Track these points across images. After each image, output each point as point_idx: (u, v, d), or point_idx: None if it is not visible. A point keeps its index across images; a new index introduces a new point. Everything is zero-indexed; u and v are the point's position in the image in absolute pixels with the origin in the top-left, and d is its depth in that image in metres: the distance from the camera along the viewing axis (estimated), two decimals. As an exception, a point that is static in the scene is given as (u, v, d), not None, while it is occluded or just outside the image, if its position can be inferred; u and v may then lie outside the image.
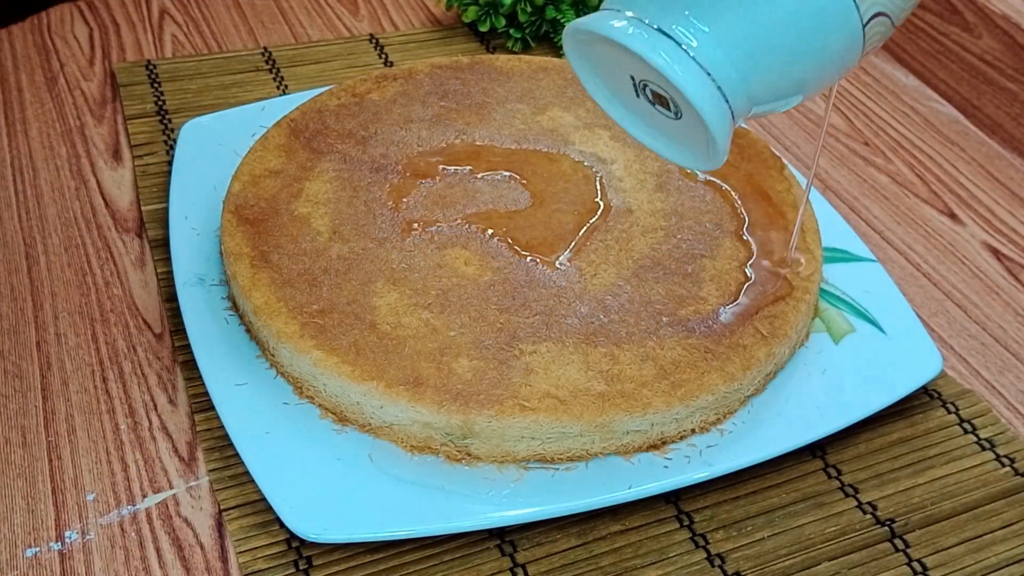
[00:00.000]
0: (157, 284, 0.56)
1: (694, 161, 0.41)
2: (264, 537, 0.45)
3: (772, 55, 0.37)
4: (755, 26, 0.37)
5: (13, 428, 0.49)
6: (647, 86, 0.39)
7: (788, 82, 0.39)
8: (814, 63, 0.38)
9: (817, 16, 0.37)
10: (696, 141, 0.40)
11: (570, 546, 0.45)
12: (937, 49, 0.78)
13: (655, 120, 0.41)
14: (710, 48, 0.36)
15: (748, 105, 0.38)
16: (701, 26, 0.36)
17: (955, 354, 0.57)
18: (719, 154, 0.38)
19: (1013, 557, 0.46)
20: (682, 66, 0.36)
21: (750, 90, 0.37)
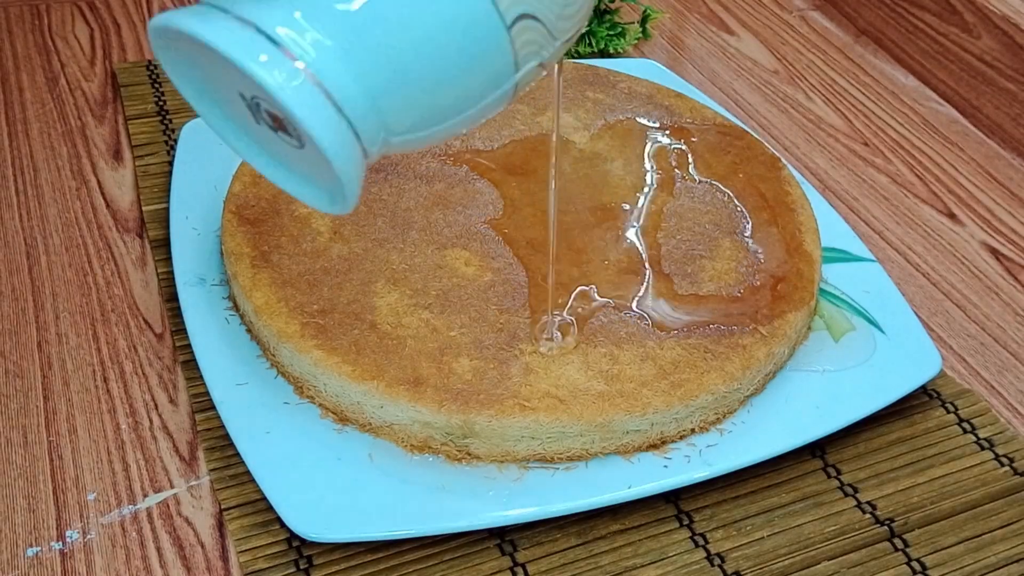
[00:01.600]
0: (158, 284, 0.57)
1: (326, 201, 0.33)
2: (264, 536, 0.45)
3: (407, 70, 0.31)
4: (385, 34, 0.30)
5: (14, 428, 0.49)
6: (260, 105, 0.31)
7: (430, 104, 0.32)
8: (458, 79, 0.32)
9: (453, 20, 0.31)
10: (325, 176, 0.32)
11: (570, 546, 0.45)
12: (937, 49, 0.78)
13: (279, 149, 0.33)
14: (329, 62, 0.29)
15: (382, 136, 0.32)
16: (317, 33, 0.29)
17: (954, 354, 0.57)
18: (347, 196, 0.32)
19: (1012, 557, 0.46)
20: (291, 82, 0.29)
21: (384, 117, 0.31)
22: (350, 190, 0.31)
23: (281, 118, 0.31)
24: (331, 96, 0.29)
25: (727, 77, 0.79)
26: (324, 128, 0.29)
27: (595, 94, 0.65)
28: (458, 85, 0.32)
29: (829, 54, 0.83)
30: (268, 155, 0.34)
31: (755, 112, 0.75)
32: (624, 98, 0.65)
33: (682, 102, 0.65)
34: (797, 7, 0.89)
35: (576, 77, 0.66)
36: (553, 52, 0.34)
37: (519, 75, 0.33)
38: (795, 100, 0.77)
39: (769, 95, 0.77)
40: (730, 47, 0.83)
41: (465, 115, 0.33)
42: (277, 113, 0.31)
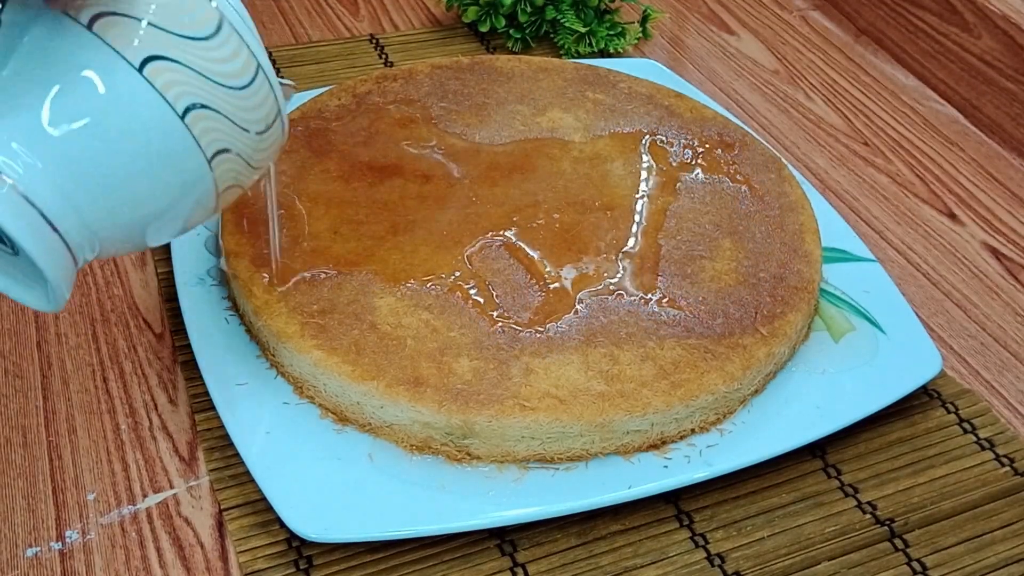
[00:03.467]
0: (158, 284, 0.57)
1: (41, 301, 0.37)
2: (264, 537, 0.45)
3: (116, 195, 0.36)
4: (94, 164, 0.35)
5: (14, 428, 0.49)
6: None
7: (136, 221, 0.37)
8: (162, 200, 0.37)
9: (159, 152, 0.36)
10: (40, 280, 0.37)
11: (570, 546, 0.45)
12: (937, 49, 0.78)
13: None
14: (39, 181, 0.34)
15: (94, 244, 0.36)
16: (29, 158, 0.34)
17: (955, 354, 0.57)
18: (57, 297, 0.36)
19: (1013, 557, 0.46)
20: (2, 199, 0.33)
21: (93, 229, 0.36)
22: (59, 292, 0.36)
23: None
24: (39, 209, 0.34)
25: (727, 77, 0.79)
26: (34, 240, 0.34)
27: (595, 94, 0.65)
28: (165, 207, 0.38)
29: (829, 54, 0.83)
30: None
31: (755, 112, 0.75)
32: (624, 98, 0.65)
33: (682, 102, 0.65)
34: (797, 7, 0.89)
35: (576, 77, 0.66)
36: (252, 176, 0.41)
37: (223, 195, 0.39)
38: (795, 100, 0.77)
39: (769, 95, 0.77)
40: (730, 47, 0.83)
41: (172, 231, 0.40)
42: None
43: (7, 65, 0.35)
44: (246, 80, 0.38)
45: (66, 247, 0.35)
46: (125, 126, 0.35)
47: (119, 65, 0.35)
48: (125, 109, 0.35)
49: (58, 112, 0.35)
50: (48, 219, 0.34)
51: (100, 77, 0.35)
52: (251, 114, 0.38)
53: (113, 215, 0.36)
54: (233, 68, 0.37)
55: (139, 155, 0.36)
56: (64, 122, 0.35)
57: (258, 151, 0.40)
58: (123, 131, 0.35)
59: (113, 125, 0.35)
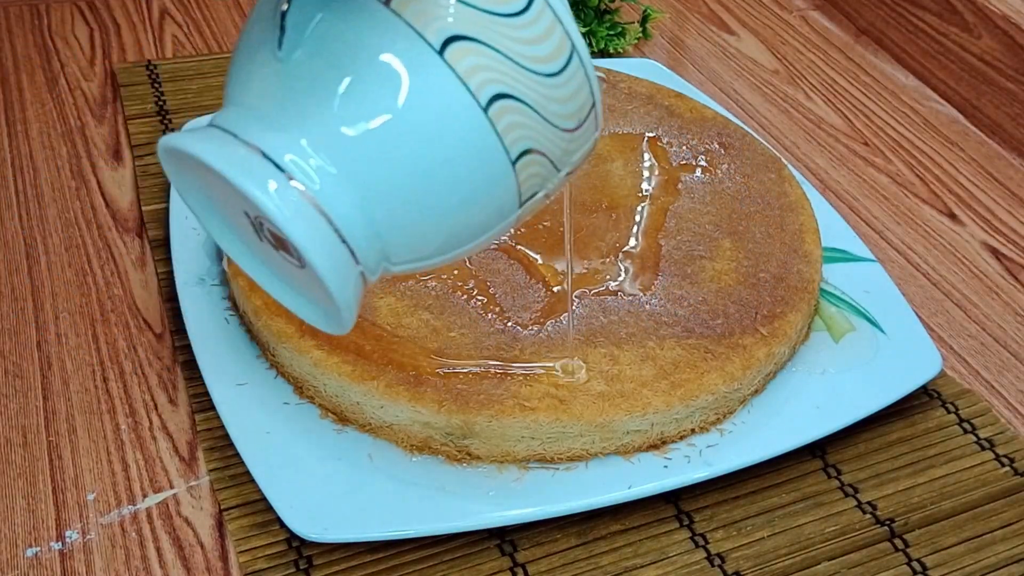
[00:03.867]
0: (157, 284, 0.57)
1: (323, 321, 0.34)
2: (264, 537, 0.45)
3: (411, 202, 0.31)
4: (390, 165, 0.30)
5: (13, 428, 0.49)
6: (263, 224, 0.32)
7: (433, 235, 0.32)
8: (461, 211, 0.32)
9: (459, 155, 0.31)
10: (323, 298, 0.33)
11: (570, 546, 0.45)
12: (937, 49, 0.78)
13: (280, 267, 0.34)
14: (333, 189, 0.30)
15: (383, 262, 0.32)
16: (322, 160, 0.30)
17: (955, 354, 0.57)
18: (343, 317, 0.32)
19: (1013, 557, 0.46)
20: (292, 208, 0.29)
21: (386, 245, 0.32)
22: (347, 314, 0.32)
23: (283, 239, 0.31)
24: (333, 223, 0.30)
25: (727, 77, 0.79)
26: (323, 254, 0.30)
27: (595, 94, 0.65)
28: (461, 217, 0.32)
29: (829, 54, 0.83)
30: (269, 271, 0.34)
31: (755, 112, 0.75)
32: (624, 98, 0.65)
33: (682, 102, 0.65)
34: (797, 7, 0.89)
35: (576, 77, 0.66)
36: (557, 184, 0.34)
37: (523, 208, 0.34)
38: (795, 100, 0.77)
39: (769, 95, 0.77)
40: (730, 47, 0.83)
41: (467, 246, 0.34)
42: (280, 234, 0.31)
43: (298, 48, 0.31)
44: (559, 66, 0.32)
45: (355, 263, 0.31)
46: (423, 120, 0.30)
47: (418, 47, 0.30)
48: (423, 100, 0.30)
49: (353, 106, 0.30)
50: (339, 231, 0.30)
51: (397, 62, 0.30)
52: (562, 107, 0.32)
53: (407, 227, 0.32)
54: (544, 51, 0.32)
55: (438, 156, 0.31)
56: (359, 118, 0.30)
57: (567, 153, 0.33)
58: (421, 127, 0.30)
59: (410, 119, 0.30)
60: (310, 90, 0.30)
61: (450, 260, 0.34)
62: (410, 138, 0.30)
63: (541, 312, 0.50)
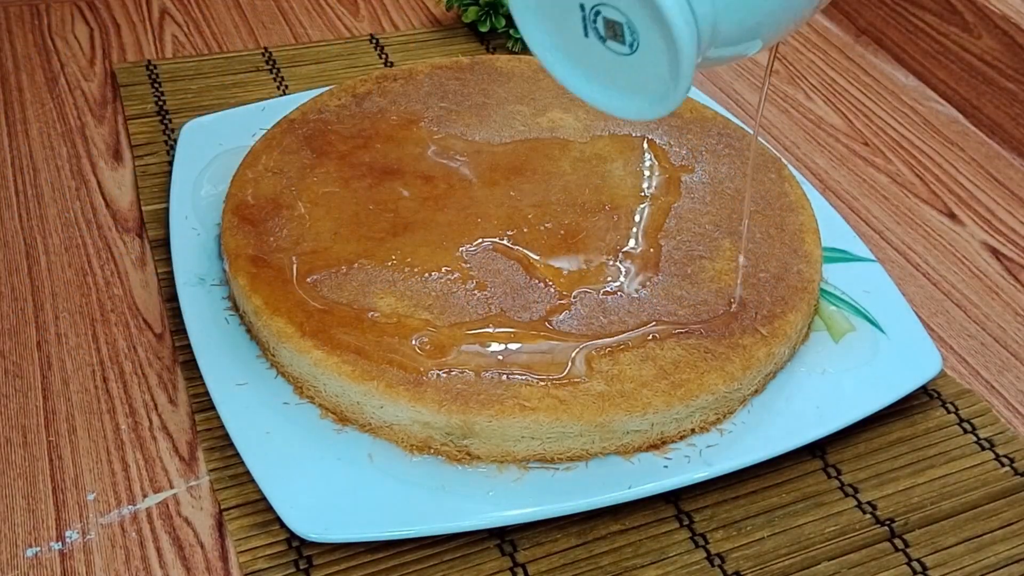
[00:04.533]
0: (157, 284, 0.57)
1: (649, 106, 0.37)
2: (264, 537, 0.45)
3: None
4: None
5: (13, 428, 0.49)
6: (599, 14, 0.36)
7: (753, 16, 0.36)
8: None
9: None
10: (651, 80, 0.36)
11: (570, 546, 0.45)
12: (937, 49, 0.78)
13: (605, 64, 0.37)
14: None
15: (712, 38, 0.35)
16: None
17: (955, 354, 0.57)
18: (681, 85, 0.35)
19: (1013, 557, 0.46)
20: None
21: (717, 19, 0.35)
22: (684, 82, 0.35)
23: (620, 23, 0.35)
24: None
25: (727, 77, 0.79)
26: (681, 19, 0.33)
27: (595, 94, 0.65)
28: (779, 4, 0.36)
29: (829, 54, 0.83)
30: (588, 73, 0.38)
31: (755, 112, 0.75)
32: (624, 98, 0.65)
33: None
34: (797, 7, 0.89)
35: (576, 77, 0.66)
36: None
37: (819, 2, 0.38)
38: (795, 100, 0.77)
39: (769, 95, 0.77)
40: (730, 47, 0.83)
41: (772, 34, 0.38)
42: (620, 18, 0.35)
43: None
44: None
45: (698, 37, 0.34)
46: None
47: None
48: None
49: None
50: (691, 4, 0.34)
51: None
52: None
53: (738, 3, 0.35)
54: None
55: None
56: None
57: None
58: None
59: None
60: None
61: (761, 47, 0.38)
62: None
63: (541, 312, 0.50)
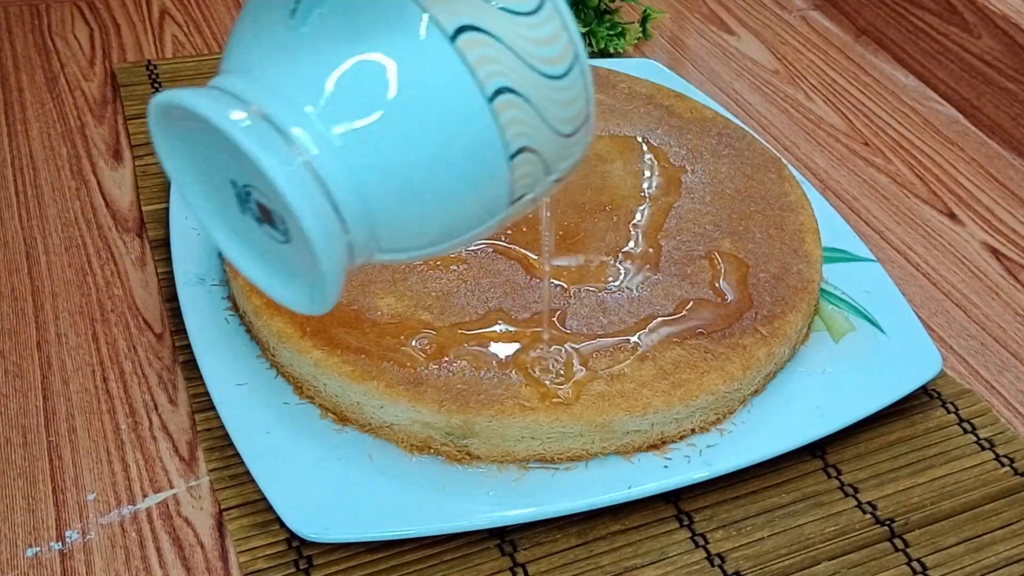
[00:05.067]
0: (158, 284, 0.57)
1: (302, 300, 0.33)
2: (264, 537, 0.45)
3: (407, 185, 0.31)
4: (392, 147, 0.31)
5: (13, 428, 0.49)
6: (251, 194, 0.32)
7: (422, 223, 0.33)
8: (454, 202, 0.32)
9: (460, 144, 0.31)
10: (305, 275, 0.32)
11: (570, 546, 0.45)
12: (937, 49, 0.78)
13: (260, 243, 0.34)
14: (334, 161, 0.30)
15: (370, 244, 0.32)
16: (326, 132, 0.30)
17: (955, 354, 0.57)
18: (327, 295, 0.32)
19: (1013, 557, 0.46)
20: (293, 175, 0.29)
21: (376, 227, 0.32)
22: (331, 289, 0.31)
23: (271, 211, 0.31)
24: (329, 191, 0.30)
25: (727, 77, 0.79)
26: (316, 220, 0.30)
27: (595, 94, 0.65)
28: (454, 207, 0.33)
29: (829, 54, 0.83)
30: (246, 247, 0.34)
31: (755, 112, 0.75)
32: (624, 98, 0.65)
33: (682, 102, 0.65)
34: (797, 7, 0.89)
35: (576, 77, 0.66)
36: (545, 189, 0.35)
37: (511, 208, 0.34)
38: (795, 100, 0.77)
39: (769, 95, 0.77)
40: (730, 47, 0.83)
41: (453, 240, 0.34)
42: (269, 205, 0.31)
43: (310, 19, 0.31)
44: (563, 69, 0.33)
45: (346, 238, 0.31)
46: (428, 104, 0.31)
47: (431, 32, 0.31)
48: (431, 84, 0.31)
49: (361, 82, 0.31)
50: (336, 204, 0.30)
51: (409, 44, 0.31)
52: (562, 111, 0.33)
53: (399, 208, 0.32)
54: (552, 53, 0.32)
55: (438, 141, 0.31)
56: (366, 94, 0.30)
57: (560, 158, 0.34)
58: (425, 110, 0.31)
59: (416, 101, 0.31)
60: (320, 61, 0.31)
61: (434, 254, 0.35)
62: (415, 119, 0.31)
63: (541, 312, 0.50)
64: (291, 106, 0.30)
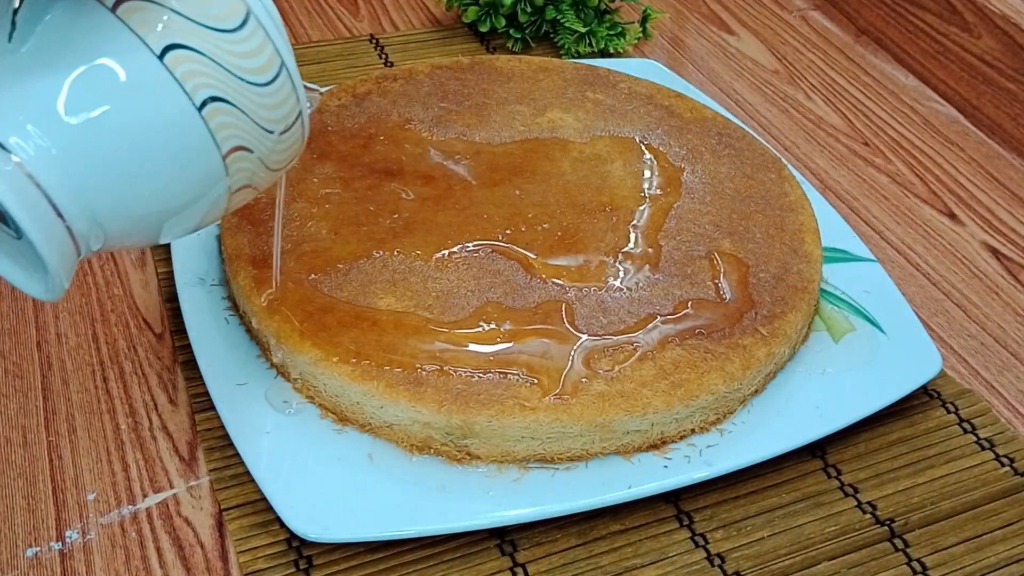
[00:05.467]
0: (158, 284, 0.57)
1: (39, 289, 0.37)
2: (264, 537, 0.45)
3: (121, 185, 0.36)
4: (109, 153, 0.35)
5: (13, 428, 0.49)
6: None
7: (144, 215, 0.37)
8: (171, 196, 0.37)
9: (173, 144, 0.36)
10: (40, 266, 0.36)
11: (570, 546, 0.45)
12: (937, 49, 0.78)
13: (3, 242, 0.37)
14: (49, 165, 0.34)
15: (99, 235, 0.36)
16: (44, 144, 0.34)
17: (955, 354, 0.57)
18: (55, 286, 0.35)
19: (1013, 557, 0.46)
20: (8, 180, 0.33)
21: (99, 220, 0.35)
22: (57, 281, 0.35)
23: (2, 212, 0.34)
24: (47, 195, 0.34)
25: (727, 77, 0.79)
26: (37, 223, 0.33)
27: (595, 94, 0.65)
28: (174, 200, 0.37)
29: (829, 54, 0.83)
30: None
31: (755, 112, 0.75)
32: (624, 98, 0.65)
33: (682, 102, 0.65)
34: (797, 7, 0.89)
35: (576, 77, 0.66)
36: (267, 178, 0.40)
37: (236, 196, 0.39)
38: (795, 100, 0.77)
39: (769, 95, 0.77)
40: (730, 47, 0.83)
41: (183, 227, 0.39)
42: None
43: (27, 42, 0.34)
44: (269, 77, 0.37)
45: (70, 235, 0.35)
46: (141, 115, 0.35)
47: (140, 51, 0.35)
48: (143, 97, 0.35)
49: (75, 97, 0.34)
50: (54, 204, 0.34)
51: (120, 62, 0.35)
52: (271, 112, 0.38)
53: (122, 207, 0.36)
54: (256, 64, 0.37)
55: (154, 147, 0.36)
56: (81, 108, 0.34)
57: (275, 152, 0.39)
58: (139, 120, 0.35)
59: (130, 113, 0.35)
60: (37, 79, 0.34)
61: (169, 239, 0.39)
62: (129, 129, 0.35)
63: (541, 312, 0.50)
64: (8, 122, 0.34)
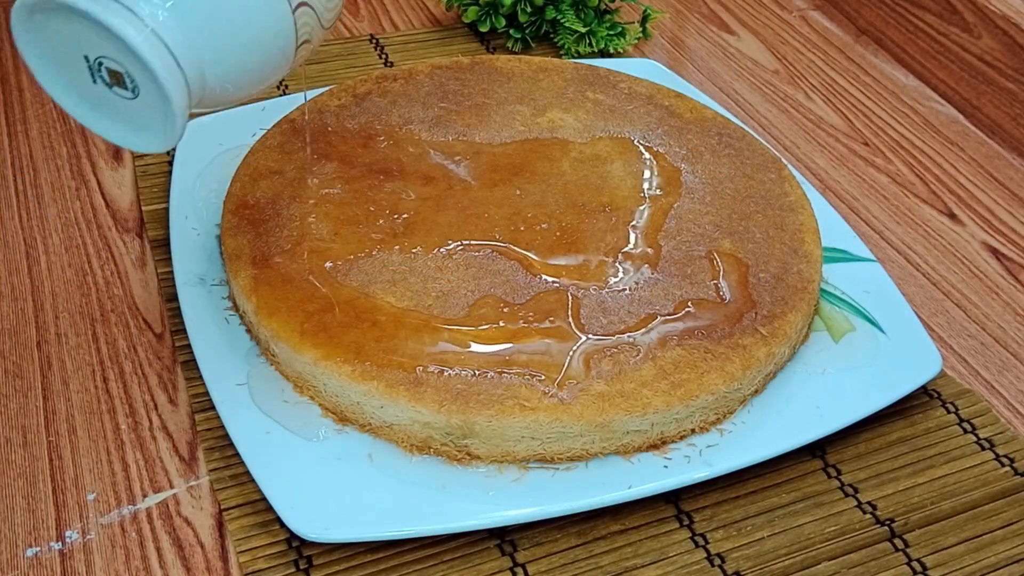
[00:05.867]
0: (158, 284, 0.57)
1: (153, 142, 0.43)
2: (264, 537, 0.45)
3: (221, 38, 0.42)
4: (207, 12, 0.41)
5: (13, 428, 0.49)
6: (103, 65, 0.41)
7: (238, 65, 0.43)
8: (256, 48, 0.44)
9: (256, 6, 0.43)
10: (154, 120, 0.42)
11: (570, 546, 0.45)
12: (937, 49, 0.78)
13: (115, 105, 0.43)
14: (169, 26, 0.40)
15: (202, 82, 0.42)
16: (161, 8, 0.40)
17: (955, 354, 0.57)
18: (176, 128, 0.41)
19: (1013, 557, 0.46)
20: (142, 34, 0.39)
21: (203, 66, 0.42)
22: (180, 123, 0.41)
23: (121, 73, 0.41)
24: (171, 50, 0.40)
25: (727, 77, 0.79)
26: (167, 72, 0.40)
27: (595, 94, 0.65)
28: (260, 55, 0.44)
29: (829, 54, 0.83)
30: (98, 112, 0.43)
31: (755, 112, 0.75)
32: (624, 98, 0.65)
33: (682, 102, 0.65)
34: (797, 7, 0.89)
35: (576, 77, 0.66)
36: (320, 35, 0.47)
37: (298, 51, 0.45)
38: (795, 100, 0.77)
39: (769, 95, 0.77)
40: (730, 47, 0.83)
41: (263, 82, 0.45)
42: (120, 69, 0.41)
43: None
44: None
45: (186, 84, 0.41)
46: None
47: None
48: None
49: None
50: (176, 59, 0.40)
51: None
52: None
53: (220, 58, 0.42)
54: None
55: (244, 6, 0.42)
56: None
57: (327, 10, 0.46)
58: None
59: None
60: None
61: (250, 93, 0.45)
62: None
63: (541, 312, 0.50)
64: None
